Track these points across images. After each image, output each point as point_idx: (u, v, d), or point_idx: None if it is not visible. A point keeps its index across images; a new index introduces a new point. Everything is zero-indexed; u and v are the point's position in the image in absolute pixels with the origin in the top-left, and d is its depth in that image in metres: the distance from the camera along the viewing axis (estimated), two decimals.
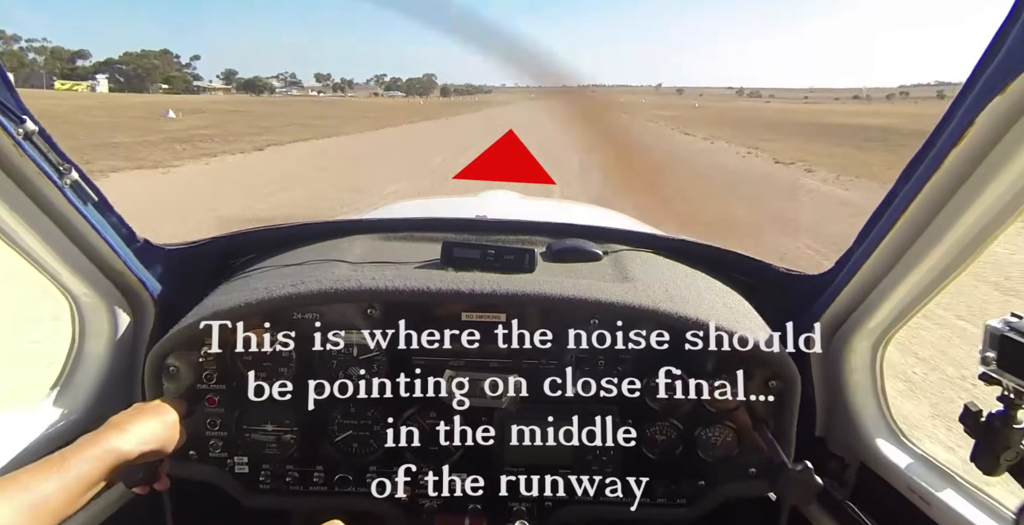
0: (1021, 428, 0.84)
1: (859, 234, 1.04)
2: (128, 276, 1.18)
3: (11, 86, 0.85)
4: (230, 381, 1.12)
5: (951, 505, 0.95)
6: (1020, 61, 0.69)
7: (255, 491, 1.16)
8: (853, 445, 1.18)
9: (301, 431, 1.15)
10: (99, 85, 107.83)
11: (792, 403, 1.12)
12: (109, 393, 1.20)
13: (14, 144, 0.88)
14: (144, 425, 0.93)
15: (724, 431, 1.15)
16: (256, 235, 1.45)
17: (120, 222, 1.14)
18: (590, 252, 1.37)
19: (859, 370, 1.16)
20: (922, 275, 0.94)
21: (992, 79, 0.72)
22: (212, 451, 1.14)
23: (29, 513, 0.74)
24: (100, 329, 1.18)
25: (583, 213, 2.43)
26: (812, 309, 1.19)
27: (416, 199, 3.15)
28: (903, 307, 1.03)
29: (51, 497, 0.76)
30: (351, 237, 1.45)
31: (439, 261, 1.24)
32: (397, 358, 1.12)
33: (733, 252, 1.44)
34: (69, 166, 0.98)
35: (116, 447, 0.86)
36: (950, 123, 0.80)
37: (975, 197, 0.80)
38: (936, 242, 0.89)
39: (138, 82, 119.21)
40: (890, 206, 0.95)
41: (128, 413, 0.95)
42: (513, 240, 1.41)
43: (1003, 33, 0.72)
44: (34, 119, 0.90)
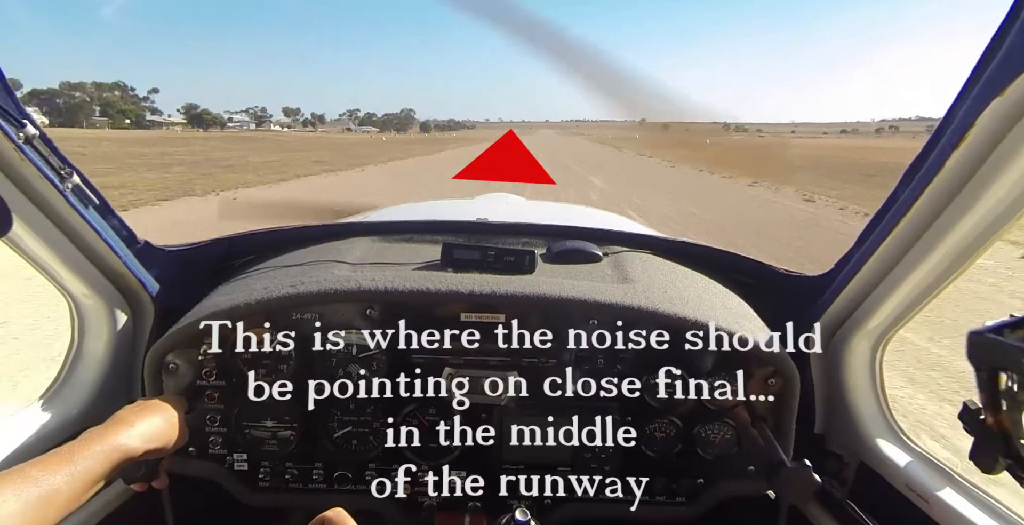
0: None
1: (860, 235, 1.05)
2: (128, 277, 1.18)
3: (10, 91, 0.85)
4: (230, 378, 1.12)
5: (950, 503, 0.96)
6: (1019, 62, 0.69)
7: (254, 488, 1.17)
8: (852, 444, 1.19)
9: (301, 429, 1.15)
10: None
11: (791, 402, 1.13)
12: (108, 393, 1.20)
13: (15, 148, 0.88)
14: (149, 422, 0.94)
15: (724, 429, 1.15)
16: (256, 237, 1.45)
17: (121, 224, 1.15)
18: (590, 253, 1.37)
19: (859, 370, 1.16)
20: (922, 276, 0.95)
21: (992, 80, 0.72)
22: (212, 447, 1.14)
23: (36, 506, 0.74)
24: (99, 329, 1.19)
25: (583, 215, 2.43)
26: (812, 309, 1.19)
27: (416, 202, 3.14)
28: (903, 308, 1.03)
29: (58, 491, 0.76)
30: (351, 239, 1.45)
31: (439, 262, 1.24)
32: (397, 357, 1.12)
33: (732, 253, 1.45)
34: (70, 170, 0.99)
35: (123, 443, 0.87)
36: (950, 125, 0.80)
37: (976, 198, 0.81)
38: (937, 243, 0.89)
39: (70, 114, 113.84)
40: (891, 207, 0.95)
41: (132, 409, 0.95)
42: (513, 242, 1.41)
43: (1002, 33, 0.72)
44: (35, 123, 0.90)
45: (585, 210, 2.80)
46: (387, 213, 2.36)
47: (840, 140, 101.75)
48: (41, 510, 0.74)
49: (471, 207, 2.30)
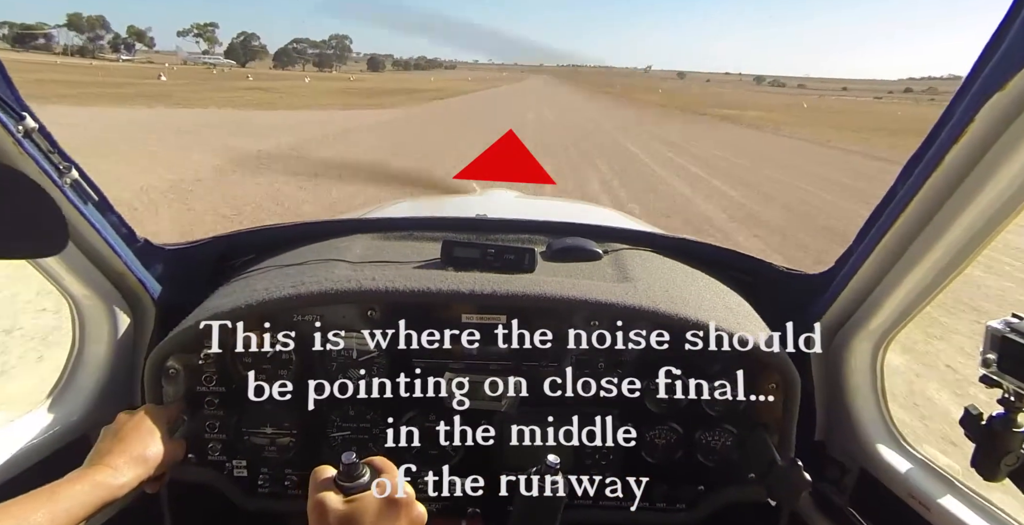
0: (1022, 432, 0.82)
1: (859, 232, 1.04)
2: (128, 277, 1.18)
3: (10, 82, 0.85)
4: (230, 384, 1.12)
5: (952, 511, 0.94)
6: (1020, 57, 0.69)
7: (254, 495, 1.16)
8: (853, 450, 1.17)
9: (300, 434, 1.15)
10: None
11: (792, 404, 1.11)
12: (109, 395, 1.20)
13: (14, 142, 0.88)
14: (134, 464, 0.93)
15: (724, 435, 1.14)
16: (256, 235, 1.46)
17: (120, 222, 1.14)
18: (590, 251, 1.36)
19: (859, 372, 1.15)
20: (923, 273, 0.94)
21: (992, 75, 0.72)
22: (211, 454, 1.14)
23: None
24: (100, 331, 1.19)
25: (583, 212, 2.43)
26: (812, 308, 1.19)
27: (416, 198, 3.16)
28: (905, 307, 1.02)
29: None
30: (351, 236, 1.45)
31: (439, 260, 1.24)
32: (397, 359, 1.12)
33: (733, 251, 1.44)
34: (69, 165, 0.98)
35: (106, 482, 0.88)
36: (950, 120, 0.79)
37: (976, 194, 0.80)
38: (937, 239, 0.88)
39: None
40: (890, 204, 0.94)
41: (118, 447, 0.94)
42: (513, 239, 1.41)
43: (1003, 30, 0.72)
44: (34, 116, 0.89)
45: (584, 206, 2.80)
46: (387, 209, 2.38)
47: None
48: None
49: (471, 203, 2.31)
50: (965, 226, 0.84)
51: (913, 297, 0.99)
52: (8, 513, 0.76)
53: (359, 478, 0.76)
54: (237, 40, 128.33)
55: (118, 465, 0.91)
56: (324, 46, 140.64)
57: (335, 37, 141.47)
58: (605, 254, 1.38)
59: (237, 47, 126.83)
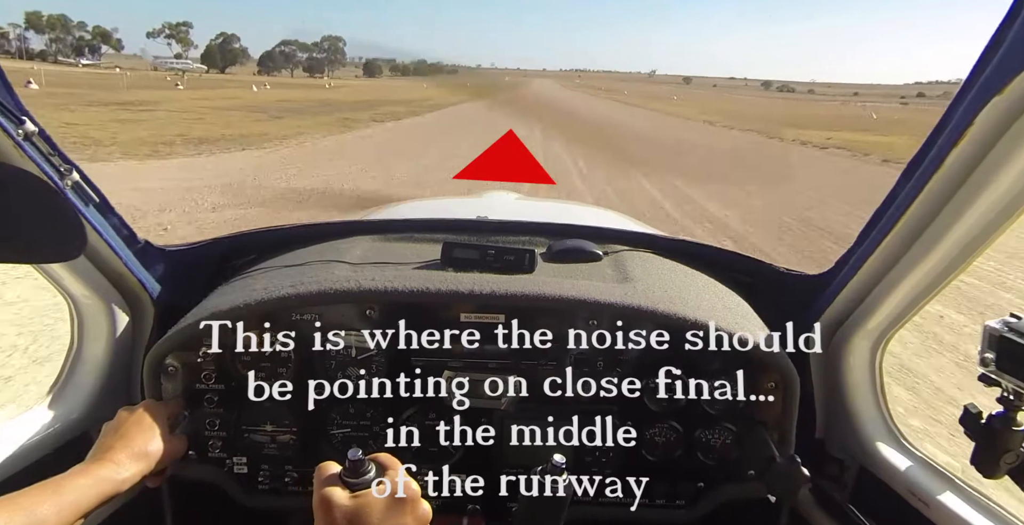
0: (1021, 430, 0.83)
1: (860, 234, 1.04)
2: (128, 277, 1.18)
3: (10, 87, 0.85)
4: (229, 382, 1.12)
5: (951, 508, 0.95)
6: (1019, 60, 0.69)
7: (254, 491, 1.17)
8: (853, 448, 1.18)
9: (300, 431, 1.15)
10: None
11: (792, 403, 1.12)
12: (108, 393, 1.20)
13: (15, 145, 0.88)
14: (135, 459, 0.94)
15: (724, 433, 1.14)
16: (256, 236, 1.46)
17: (121, 223, 1.15)
18: (590, 252, 1.37)
19: (859, 371, 1.15)
20: (922, 275, 0.94)
21: (991, 79, 0.72)
22: (211, 451, 1.14)
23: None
24: (99, 330, 1.19)
25: (583, 213, 2.43)
26: (812, 309, 1.19)
27: (416, 200, 3.16)
28: (903, 307, 1.02)
29: (46, 520, 0.78)
30: (351, 238, 1.45)
31: (439, 261, 1.24)
32: (396, 358, 1.12)
33: (732, 252, 1.45)
34: (70, 167, 0.98)
35: (110, 477, 0.89)
36: (949, 123, 0.80)
37: (975, 197, 0.80)
38: (937, 242, 0.88)
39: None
40: (891, 206, 0.94)
41: (119, 442, 0.95)
42: (513, 240, 1.41)
43: (1001, 32, 0.72)
44: (34, 120, 0.89)
45: (584, 207, 2.80)
46: (388, 211, 2.37)
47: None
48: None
49: (471, 204, 2.31)
50: (965, 228, 0.84)
51: (912, 298, 0.99)
52: (16, 504, 0.77)
53: (364, 474, 0.77)
54: (215, 42, 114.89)
55: (120, 460, 0.92)
56: (315, 49, 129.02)
57: (327, 39, 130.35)
58: (605, 255, 1.38)
59: (215, 50, 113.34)
